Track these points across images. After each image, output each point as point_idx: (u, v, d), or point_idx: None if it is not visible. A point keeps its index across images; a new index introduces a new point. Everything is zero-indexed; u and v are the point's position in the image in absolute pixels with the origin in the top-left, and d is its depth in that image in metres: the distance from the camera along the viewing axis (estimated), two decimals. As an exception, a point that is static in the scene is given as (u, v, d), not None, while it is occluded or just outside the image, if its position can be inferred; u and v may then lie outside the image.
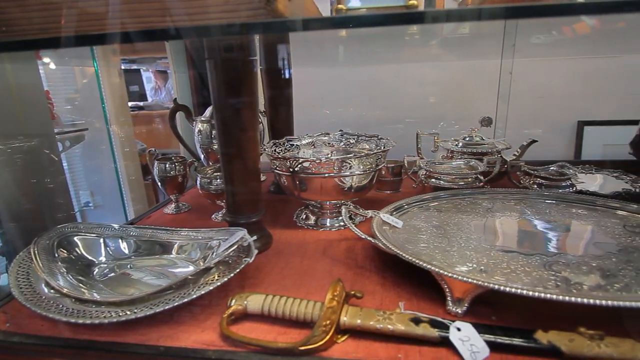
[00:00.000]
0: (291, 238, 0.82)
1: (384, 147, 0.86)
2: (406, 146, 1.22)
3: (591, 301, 0.45)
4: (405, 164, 0.99)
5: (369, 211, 0.76)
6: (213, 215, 0.94)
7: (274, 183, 1.14)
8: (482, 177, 0.93)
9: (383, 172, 1.08)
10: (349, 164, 0.77)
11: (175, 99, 1.04)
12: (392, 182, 1.08)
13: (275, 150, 0.93)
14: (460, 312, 0.53)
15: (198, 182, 0.88)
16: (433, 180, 0.94)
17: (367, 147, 0.96)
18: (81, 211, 2.25)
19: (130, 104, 3.35)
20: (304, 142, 1.01)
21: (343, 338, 0.49)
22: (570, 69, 1.76)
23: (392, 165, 1.06)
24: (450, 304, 0.54)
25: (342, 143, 1.01)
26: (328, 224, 0.88)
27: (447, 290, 0.54)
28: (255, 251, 0.59)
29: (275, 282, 0.65)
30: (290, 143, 0.99)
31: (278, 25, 0.42)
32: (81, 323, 0.48)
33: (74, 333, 0.53)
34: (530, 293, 0.47)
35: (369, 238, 0.66)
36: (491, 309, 0.54)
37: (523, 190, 0.87)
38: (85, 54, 1.77)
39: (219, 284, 0.53)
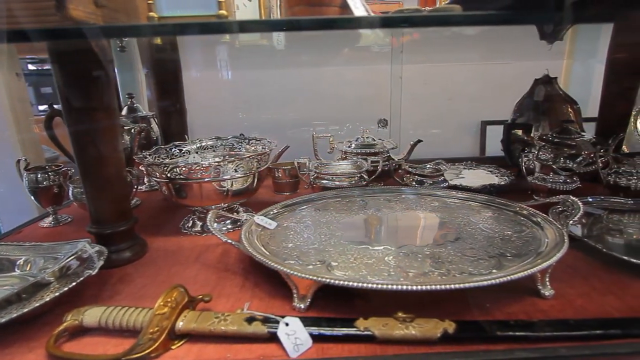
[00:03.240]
0: (170, 245, 0.80)
1: (264, 150, 0.87)
2: (320, 147, 1.25)
3: (402, 287, 0.49)
4: (296, 166, 1.01)
5: (243, 214, 0.77)
6: (94, 227, 0.90)
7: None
8: (366, 176, 0.98)
9: (280, 175, 1.10)
10: (223, 167, 0.78)
11: (52, 103, 0.97)
12: (289, 184, 1.10)
13: (157, 156, 0.90)
14: (303, 307, 0.56)
15: (70, 192, 0.83)
16: (322, 181, 0.98)
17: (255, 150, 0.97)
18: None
19: (41, 107, 3.07)
20: (194, 146, 0.99)
21: (179, 343, 0.50)
22: (473, 74, 1.92)
23: (289, 167, 1.09)
24: (296, 301, 0.56)
25: (234, 147, 1.02)
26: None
27: (293, 287, 0.57)
28: (101, 262, 0.57)
29: (134, 292, 0.63)
30: (179, 148, 0.97)
31: (70, 32, 0.41)
32: None
33: None
34: (354, 284, 0.51)
35: (229, 241, 0.66)
36: (333, 302, 0.57)
37: (399, 188, 0.94)
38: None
39: (47, 299, 0.50)
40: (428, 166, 1.01)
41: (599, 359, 0.45)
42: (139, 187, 1.17)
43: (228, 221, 0.89)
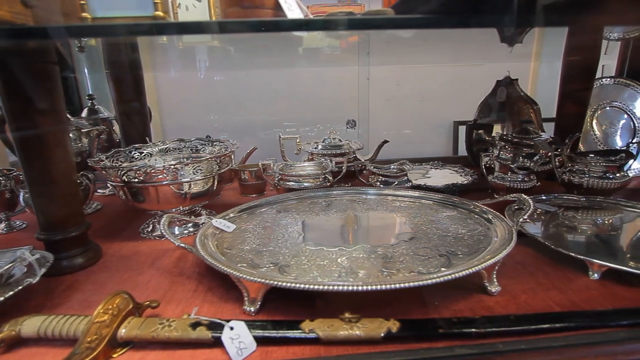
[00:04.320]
0: (126, 251, 0.78)
1: (223, 152, 0.86)
2: (288, 149, 1.25)
3: (346, 288, 0.50)
4: (260, 168, 1.01)
5: (202, 217, 0.76)
6: (49, 233, 0.87)
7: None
8: (330, 177, 0.99)
9: (246, 176, 1.09)
10: (180, 170, 0.77)
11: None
12: (255, 186, 1.09)
13: (115, 159, 0.88)
14: (253, 310, 0.55)
15: (21, 197, 0.81)
16: (287, 182, 0.97)
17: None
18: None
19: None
20: (156, 149, 0.98)
21: (122, 351, 0.48)
22: (445, 75, 1.96)
23: (255, 169, 1.08)
24: (247, 304, 0.56)
25: (197, 149, 1.00)
26: (177, 232, 0.86)
27: (244, 290, 0.56)
28: (43, 270, 0.56)
29: (82, 299, 0.61)
30: (140, 151, 0.95)
31: None
32: None
33: None
34: (301, 286, 0.51)
35: (182, 245, 0.65)
36: (285, 304, 0.57)
37: (362, 188, 0.94)
38: None
39: (-19, 310, 0.48)
40: (392, 167, 1.03)
41: (534, 353, 0.46)
42: (102, 191, 1.14)
43: (190, 224, 0.87)
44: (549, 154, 1.01)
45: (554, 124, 1.18)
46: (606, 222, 0.83)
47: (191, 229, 0.87)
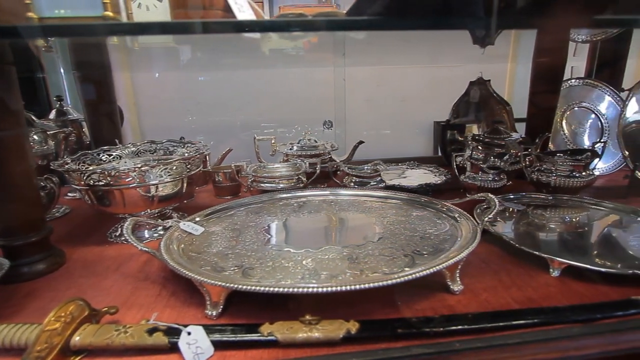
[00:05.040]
0: (92, 255, 0.77)
1: (192, 154, 0.85)
2: (264, 150, 1.24)
3: (306, 290, 0.49)
4: (234, 170, 1.00)
5: (169, 220, 0.75)
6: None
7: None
8: (304, 178, 0.98)
9: (220, 178, 1.08)
10: (147, 172, 0.75)
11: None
12: (230, 187, 1.08)
13: (82, 162, 0.86)
14: (215, 314, 0.55)
15: (-19, 202, 0.78)
16: (260, 184, 0.97)
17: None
18: None
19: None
20: (126, 151, 0.96)
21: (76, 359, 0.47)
22: (425, 76, 1.97)
23: (229, 170, 1.07)
24: (209, 308, 0.55)
25: (169, 151, 0.99)
26: (147, 236, 0.85)
27: (206, 294, 0.56)
28: (-5, 277, 0.54)
29: (41, 307, 0.60)
30: (108, 154, 0.93)
31: None
32: None
33: None
34: (260, 289, 0.51)
35: (145, 249, 0.64)
36: (249, 307, 0.56)
37: (334, 189, 0.94)
38: None
39: None
40: (366, 167, 1.03)
41: (490, 350, 0.47)
42: (72, 194, 1.12)
43: (160, 228, 0.86)
44: (519, 153, 1.03)
45: (525, 124, 1.20)
46: (571, 220, 0.85)
47: (162, 232, 0.85)
